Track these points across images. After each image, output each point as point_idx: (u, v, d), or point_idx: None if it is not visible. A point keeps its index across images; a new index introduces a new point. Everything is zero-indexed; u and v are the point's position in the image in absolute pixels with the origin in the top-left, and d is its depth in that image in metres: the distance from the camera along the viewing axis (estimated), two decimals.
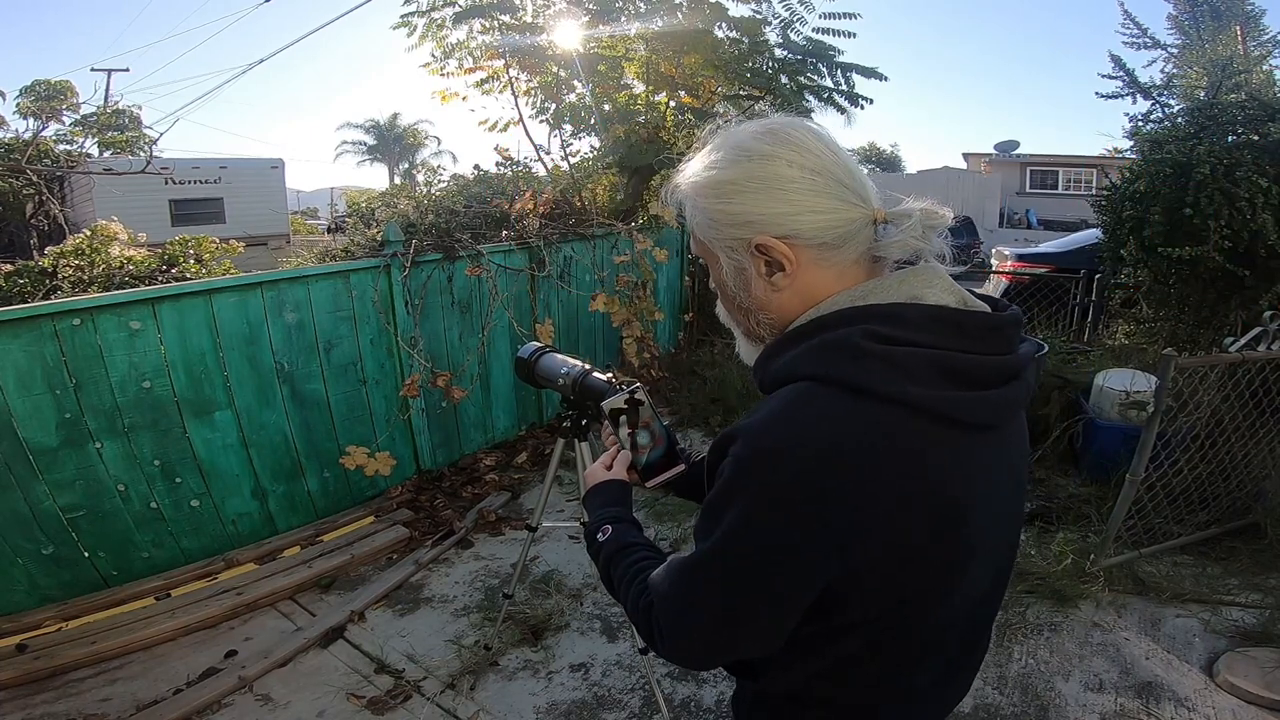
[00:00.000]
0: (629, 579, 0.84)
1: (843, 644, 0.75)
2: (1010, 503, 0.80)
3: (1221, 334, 3.61)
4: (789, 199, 0.70)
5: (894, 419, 0.64)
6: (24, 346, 2.48)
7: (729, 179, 0.73)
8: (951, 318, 0.69)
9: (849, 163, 0.72)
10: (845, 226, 0.71)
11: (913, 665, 0.79)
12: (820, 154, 0.71)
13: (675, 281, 5.66)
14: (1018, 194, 19.50)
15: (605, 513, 0.98)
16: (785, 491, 0.64)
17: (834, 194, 0.70)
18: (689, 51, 4.69)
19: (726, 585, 0.69)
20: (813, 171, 0.70)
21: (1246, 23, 11.63)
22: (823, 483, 0.63)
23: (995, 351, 0.70)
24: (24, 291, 4.31)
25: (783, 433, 0.65)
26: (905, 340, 0.66)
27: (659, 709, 2.15)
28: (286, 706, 2.26)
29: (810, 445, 0.64)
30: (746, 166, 0.72)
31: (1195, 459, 2.92)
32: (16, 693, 2.28)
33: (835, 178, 0.70)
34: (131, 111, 15.20)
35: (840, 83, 5.11)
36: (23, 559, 2.57)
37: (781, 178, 0.70)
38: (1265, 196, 3.58)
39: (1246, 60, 10.66)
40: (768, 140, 0.72)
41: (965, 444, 0.68)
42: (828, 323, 0.70)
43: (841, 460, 0.63)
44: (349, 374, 3.39)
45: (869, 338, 0.66)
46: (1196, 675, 2.32)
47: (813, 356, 0.68)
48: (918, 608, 0.73)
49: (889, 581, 0.69)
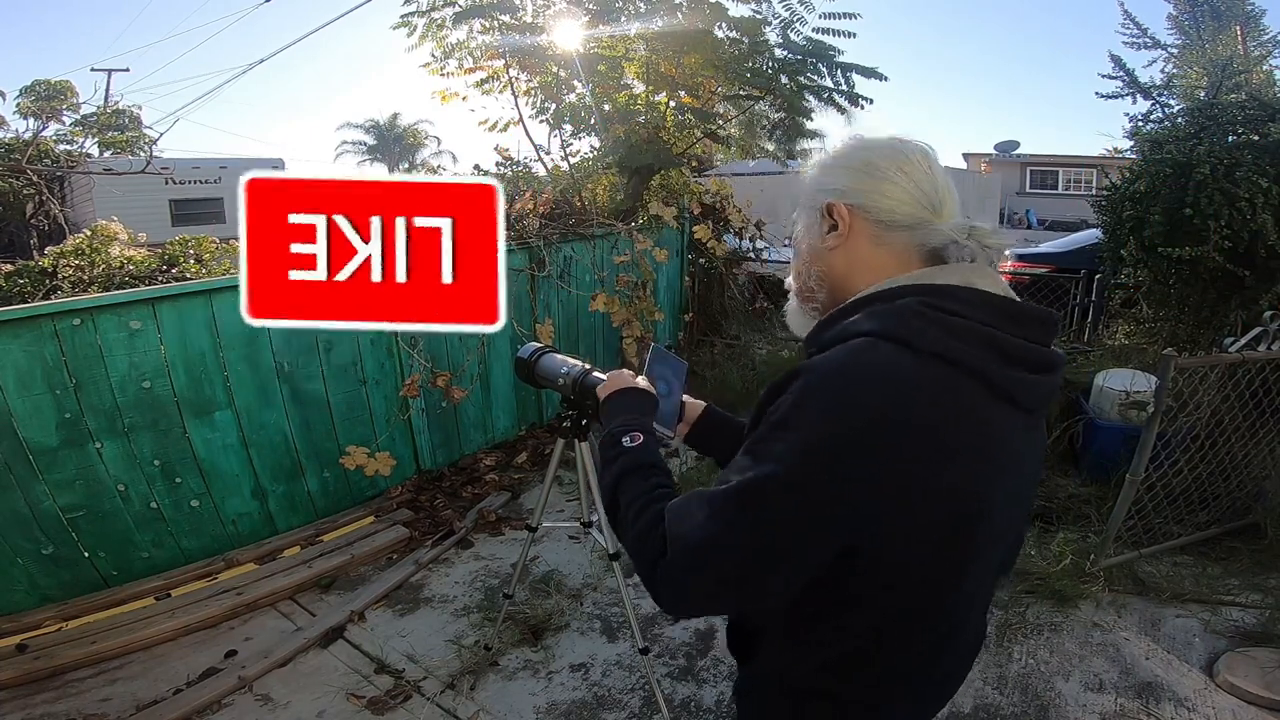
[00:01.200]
0: (646, 500, 0.82)
1: (851, 627, 0.76)
2: (1027, 489, 0.85)
3: (1221, 334, 3.61)
4: (870, 180, 0.81)
5: (952, 379, 0.70)
6: (24, 346, 2.48)
7: (838, 158, 0.86)
8: (1002, 303, 0.76)
9: (937, 178, 0.82)
10: (904, 217, 0.80)
11: (923, 663, 0.81)
12: (916, 162, 0.81)
13: (675, 281, 5.66)
14: (1018, 194, 19.50)
15: (634, 419, 0.99)
16: (844, 429, 0.68)
17: (908, 191, 0.80)
18: (689, 51, 4.69)
19: (770, 518, 0.70)
20: (900, 170, 0.81)
21: (1246, 23, 11.64)
22: (878, 428, 0.67)
23: (1039, 341, 0.77)
24: (24, 291, 4.31)
25: (848, 371, 0.71)
26: (961, 314, 0.73)
27: (659, 709, 2.15)
28: (286, 706, 2.26)
29: (871, 388, 0.69)
30: (855, 152, 0.84)
31: (1195, 459, 2.92)
32: (16, 693, 2.28)
33: (916, 182, 0.81)
34: (131, 111, 15.21)
35: (840, 83, 5.11)
36: (23, 559, 2.57)
37: (873, 165, 0.82)
38: (1265, 196, 3.58)
39: (1246, 60, 10.66)
40: (879, 140, 0.85)
41: (1010, 421, 0.74)
42: (885, 295, 0.77)
43: (904, 403, 0.68)
44: (349, 374, 3.39)
45: (927, 306, 0.73)
46: (1196, 675, 2.32)
47: (873, 318, 0.75)
48: (932, 586, 0.76)
49: (910, 547, 0.72)
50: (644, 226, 4.69)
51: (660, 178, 5.20)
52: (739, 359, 5.18)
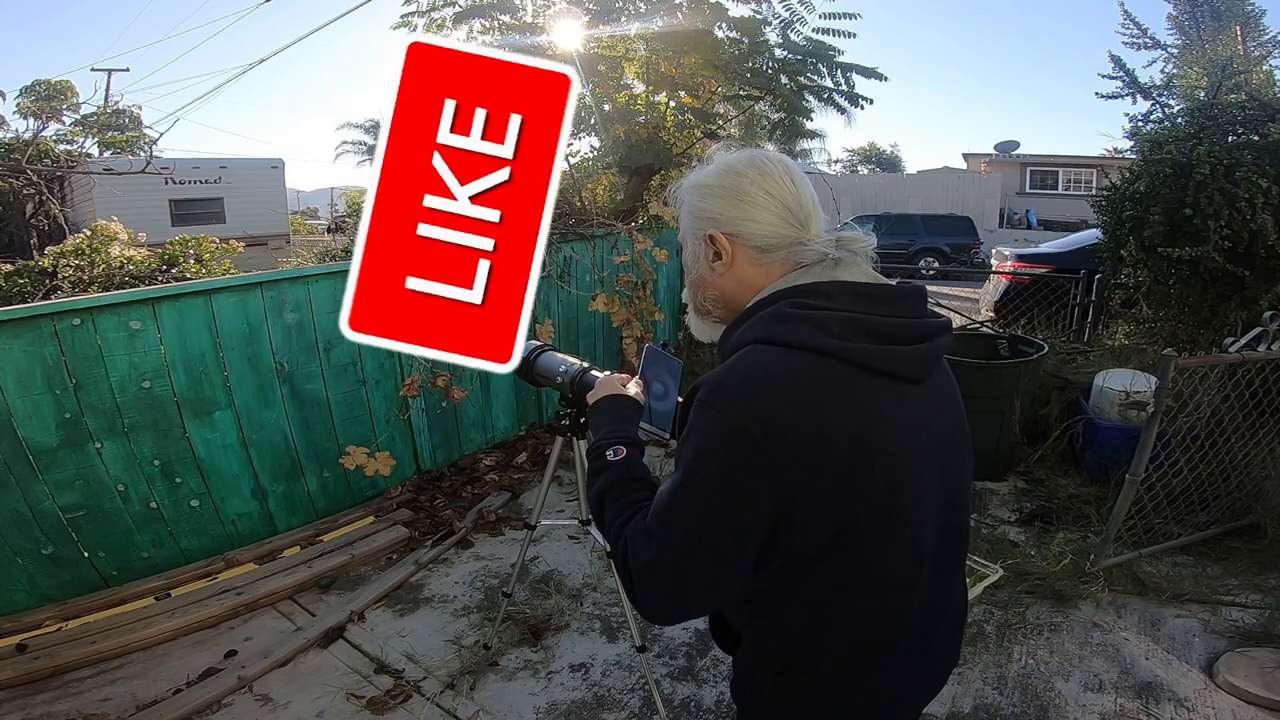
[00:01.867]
0: (621, 520, 0.90)
1: (808, 584, 0.83)
2: (939, 454, 0.89)
3: (1221, 334, 3.61)
4: (741, 208, 0.89)
5: (818, 364, 0.80)
6: (24, 346, 2.48)
7: (707, 183, 0.93)
8: (861, 289, 0.86)
9: (803, 196, 0.90)
10: (777, 239, 0.89)
11: (885, 622, 0.86)
12: (782, 183, 0.89)
13: (675, 281, 5.66)
14: (1018, 194, 19.51)
15: (619, 431, 1.06)
16: (731, 421, 0.78)
17: (777, 214, 0.89)
18: (689, 51, 4.69)
19: (689, 523, 0.80)
20: (767, 194, 0.89)
21: (1246, 23, 11.64)
22: (759, 412, 0.77)
23: (902, 315, 0.86)
24: (24, 291, 4.31)
25: (731, 377, 0.81)
26: (823, 307, 0.82)
27: (658, 709, 2.15)
28: (286, 706, 2.26)
29: (751, 382, 0.80)
30: (722, 177, 0.92)
31: (1195, 459, 2.92)
32: (16, 692, 2.28)
33: (784, 203, 0.89)
34: (131, 111, 15.18)
35: (840, 83, 5.11)
36: (22, 559, 2.57)
37: (742, 192, 0.89)
38: (1265, 197, 3.58)
39: (1246, 60, 10.67)
40: (745, 163, 0.91)
41: (892, 392, 0.82)
42: (765, 302, 0.88)
43: (775, 392, 0.78)
44: (349, 374, 3.39)
45: (794, 306, 0.84)
46: (1196, 675, 2.32)
47: (755, 326, 0.86)
48: (858, 540, 0.81)
49: (823, 506, 0.79)
50: (644, 226, 4.69)
51: (660, 178, 5.20)
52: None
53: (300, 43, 15.18)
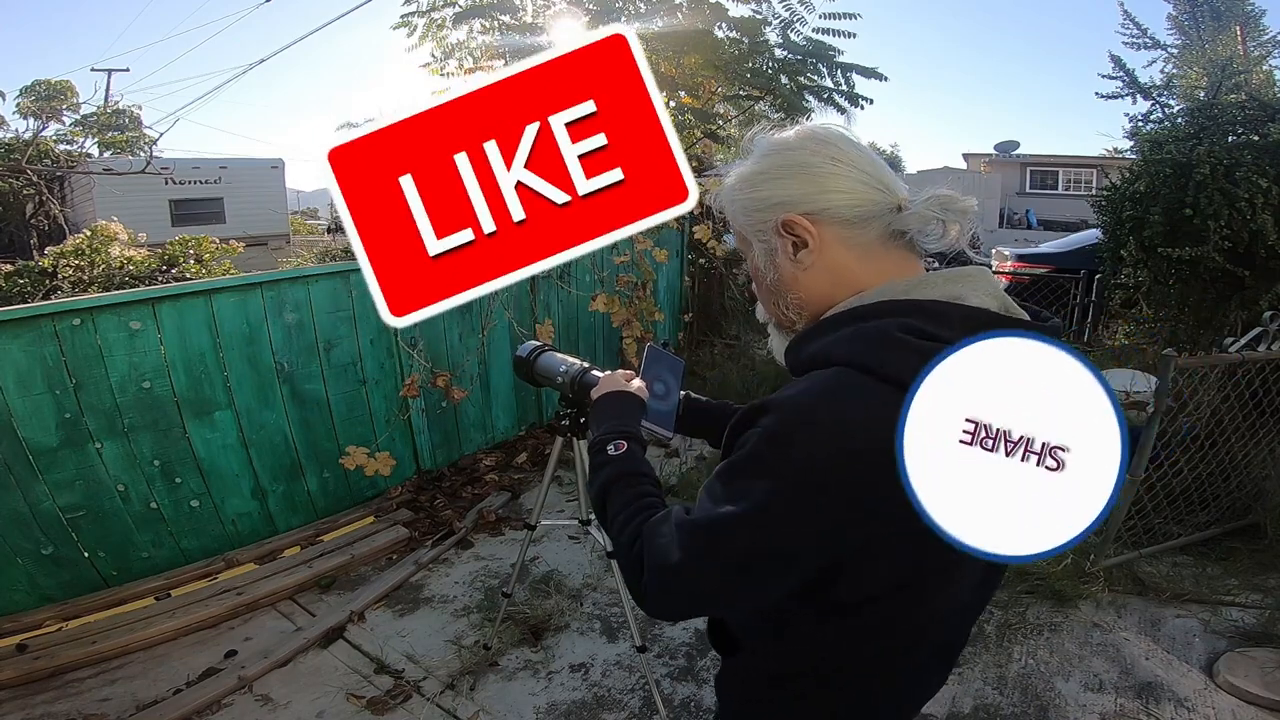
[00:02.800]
0: (629, 514, 0.81)
1: (843, 621, 0.76)
2: None
3: (1221, 334, 3.61)
4: (813, 179, 0.75)
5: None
6: (24, 347, 2.48)
7: (759, 170, 0.79)
8: (990, 321, 0.70)
9: (872, 157, 0.77)
10: (866, 205, 0.74)
11: (907, 649, 0.81)
12: (843, 147, 0.76)
13: (675, 282, 5.66)
14: (1018, 194, 19.50)
15: (619, 425, 0.97)
16: (818, 475, 0.66)
17: (855, 178, 0.75)
18: (689, 52, 4.68)
19: (742, 554, 0.70)
20: (833, 159, 0.75)
21: (1246, 23, 11.64)
22: (854, 468, 0.65)
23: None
24: (24, 291, 4.32)
25: (819, 414, 0.67)
26: (940, 337, 0.66)
27: (658, 709, 2.15)
28: (286, 706, 2.26)
29: (845, 429, 0.66)
30: (774, 158, 0.78)
31: (1195, 459, 2.92)
32: (17, 692, 2.27)
33: (857, 165, 0.75)
34: (132, 111, 15.20)
35: (840, 83, 5.11)
36: (23, 559, 2.57)
37: (806, 163, 0.76)
38: (1265, 197, 3.58)
39: (1246, 60, 10.67)
40: (797, 137, 0.78)
41: None
42: (864, 313, 0.72)
43: (870, 440, 0.64)
44: (349, 374, 3.39)
45: (905, 330, 0.67)
46: (1196, 675, 2.32)
47: (848, 343, 0.70)
48: (914, 594, 0.75)
49: (891, 562, 0.71)
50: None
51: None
52: (739, 359, 5.19)
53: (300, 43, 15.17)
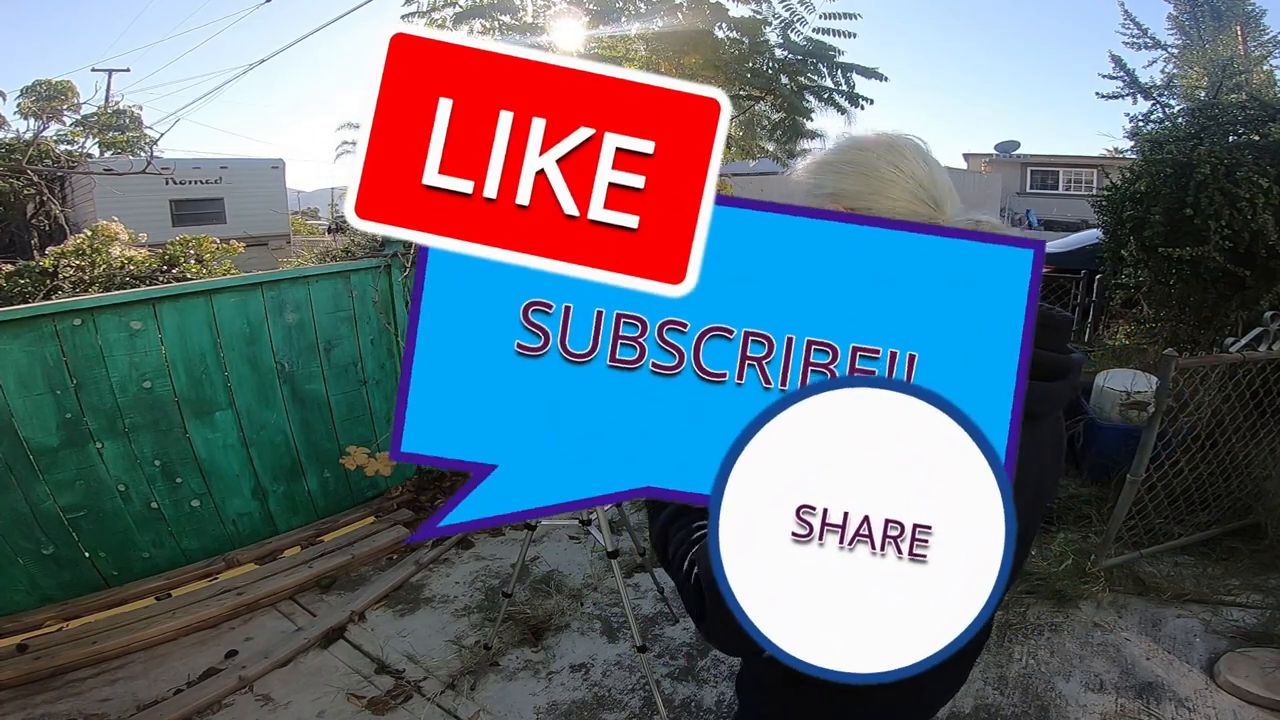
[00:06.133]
0: (688, 547, 0.79)
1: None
2: (1032, 487, 0.83)
3: (1222, 334, 3.61)
4: (868, 180, 0.79)
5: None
6: (25, 346, 2.48)
7: (827, 160, 0.84)
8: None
9: (936, 174, 0.81)
10: (907, 216, 0.78)
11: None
12: (909, 156, 0.80)
13: None
14: (1018, 194, 19.50)
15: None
16: None
17: (908, 188, 0.79)
18: (689, 52, 4.68)
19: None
20: (897, 169, 0.79)
21: (1247, 23, 11.64)
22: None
23: (1053, 348, 0.78)
24: (25, 291, 4.32)
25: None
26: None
27: (658, 709, 2.14)
28: (287, 707, 2.26)
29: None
30: (844, 153, 0.83)
31: (1196, 459, 2.92)
32: (17, 692, 2.28)
33: (915, 178, 0.79)
34: (132, 111, 15.21)
35: (840, 83, 5.10)
36: (23, 559, 2.57)
37: (869, 164, 0.80)
38: (1266, 197, 3.58)
39: (1247, 60, 10.66)
40: (872, 139, 0.83)
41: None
42: None
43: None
44: (349, 374, 3.39)
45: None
46: (1197, 675, 2.32)
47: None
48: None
49: None
50: None
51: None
52: None
53: (300, 43, 15.14)
